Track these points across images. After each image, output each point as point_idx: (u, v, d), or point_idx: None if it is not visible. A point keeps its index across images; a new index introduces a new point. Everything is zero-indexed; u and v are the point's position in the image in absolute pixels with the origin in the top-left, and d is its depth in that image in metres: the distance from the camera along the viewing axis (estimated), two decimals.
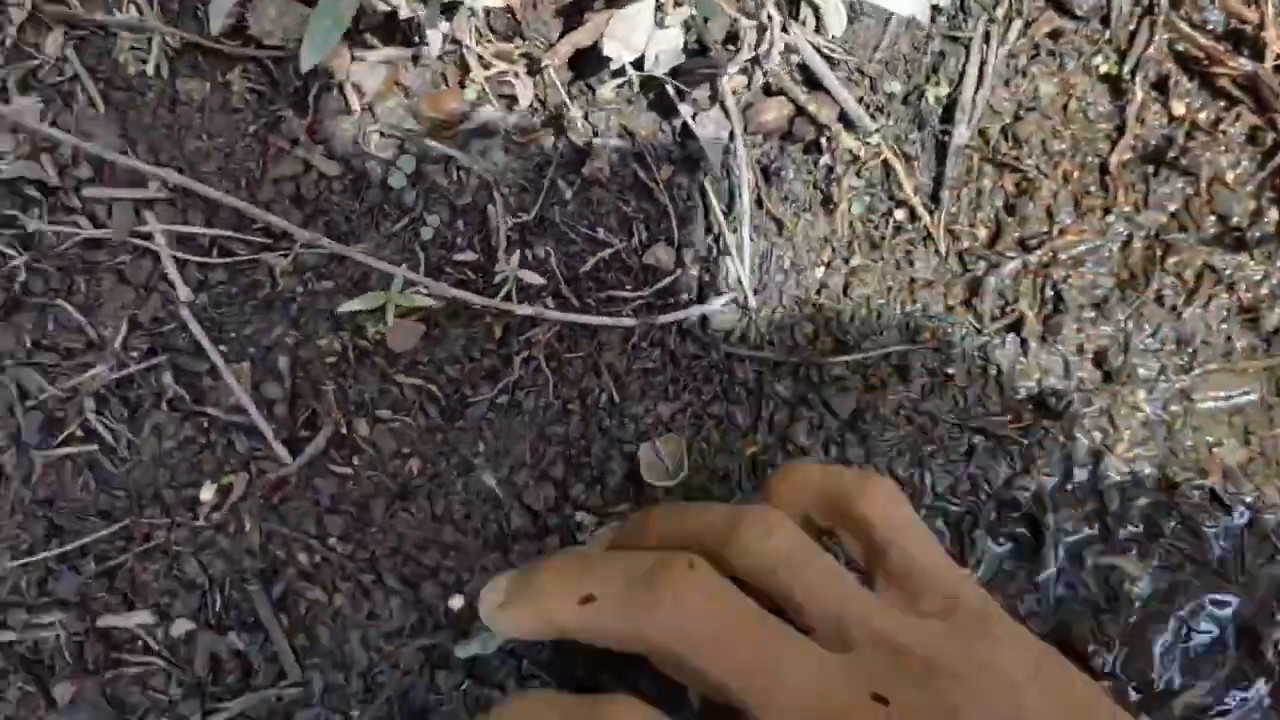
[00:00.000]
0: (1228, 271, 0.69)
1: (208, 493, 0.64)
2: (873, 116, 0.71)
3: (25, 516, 0.61)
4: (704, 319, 0.68)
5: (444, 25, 0.58)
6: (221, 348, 0.62)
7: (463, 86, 0.62)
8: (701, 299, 0.68)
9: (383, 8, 0.54)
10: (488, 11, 0.60)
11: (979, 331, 0.70)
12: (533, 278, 0.66)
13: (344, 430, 0.66)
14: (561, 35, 0.62)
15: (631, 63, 0.60)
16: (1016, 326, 0.70)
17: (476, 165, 0.64)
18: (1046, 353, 0.70)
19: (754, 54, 0.63)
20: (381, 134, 0.62)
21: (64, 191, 0.58)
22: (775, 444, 0.70)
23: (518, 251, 0.65)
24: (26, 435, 0.59)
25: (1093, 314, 0.69)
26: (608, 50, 0.59)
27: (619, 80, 0.62)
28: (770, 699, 0.48)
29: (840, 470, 0.57)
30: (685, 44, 0.62)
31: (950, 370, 0.70)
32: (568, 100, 0.61)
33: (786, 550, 0.52)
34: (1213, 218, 0.70)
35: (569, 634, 0.53)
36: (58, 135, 0.52)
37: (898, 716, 0.44)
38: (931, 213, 0.71)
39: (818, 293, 0.70)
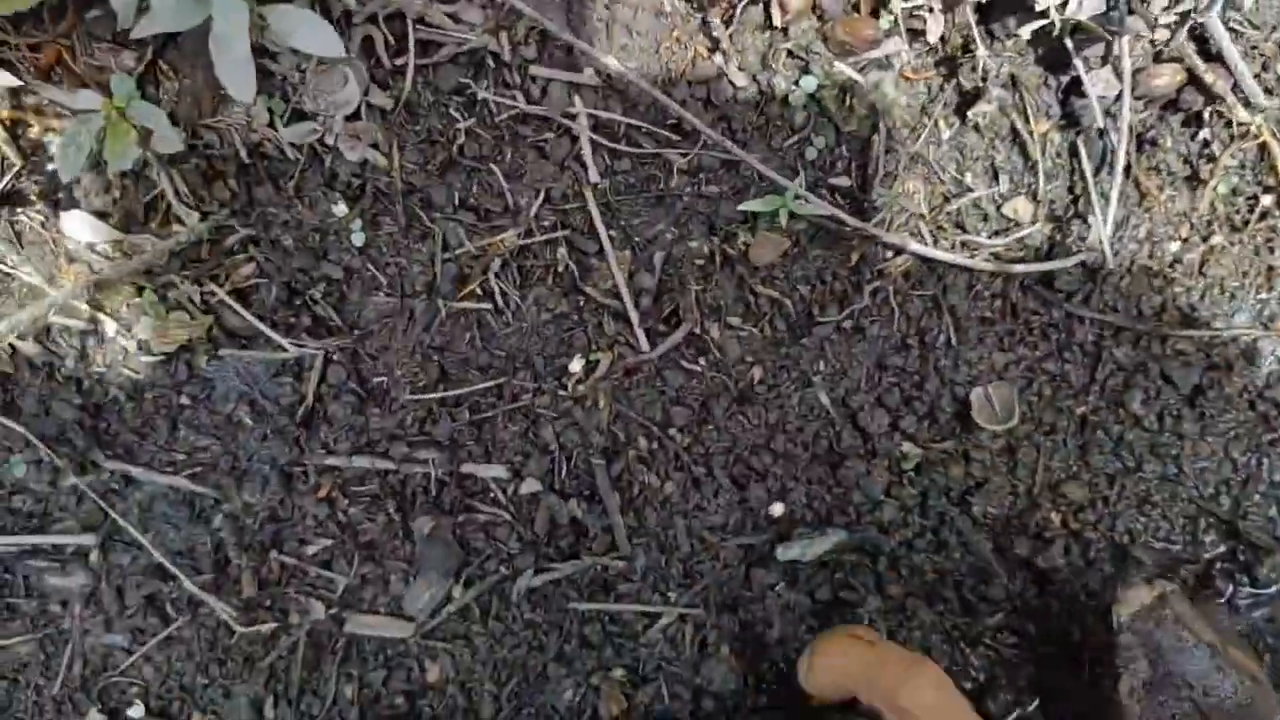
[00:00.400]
0: None
1: (576, 365, 0.68)
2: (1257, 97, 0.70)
3: (423, 358, 0.67)
4: (1050, 275, 0.69)
5: None
6: (611, 232, 0.66)
7: (876, 16, 0.64)
8: (1050, 256, 0.69)
9: None
10: None
11: None
12: (899, 211, 0.68)
13: (698, 330, 0.69)
14: None
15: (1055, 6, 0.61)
16: None
17: (871, 94, 0.66)
18: None
19: (1176, 12, 0.63)
20: (790, 52, 0.65)
21: (510, 68, 0.62)
22: (1107, 407, 0.70)
23: (888, 184, 0.67)
24: (440, 284, 0.64)
25: None
26: None
27: (1040, 23, 0.64)
28: None
29: (887, 654, 0.60)
30: None
31: None
32: (977, 37, 0.63)
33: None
34: None
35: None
36: (524, 8, 0.56)
37: None
38: None
39: (1171, 266, 0.70)
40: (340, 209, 0.61)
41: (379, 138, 0.60)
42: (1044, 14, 0.62)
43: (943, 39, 0.66)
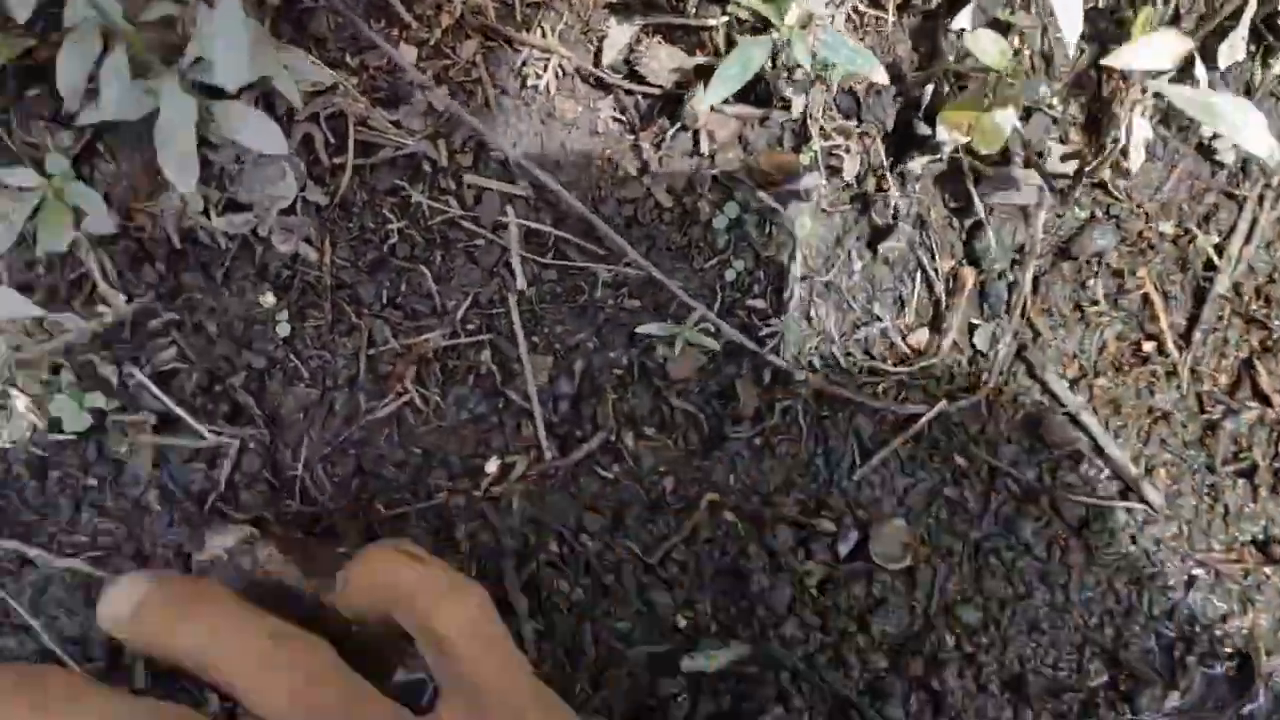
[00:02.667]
0: None
1: (492, 466, 0.69)
2: (1143, 252, 0.76)
3: (340, 452, 0.67)
4: (946, 410, 0.73)
5: (800, 98, 0.65)
6: (534, 339, 0.69)
7: (797, 151, 0.69)
8: (951, 384, 0.73)
9: (753, 73, 0.61)
10: (839, 90, 0.66)
11: (1210, 470, 0.74)
12: (808, 336, 0.72)
13: (614, 438, 0.71)
14: (895, 121, 0.69)
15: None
16: (1249, 473, 0.74)
17: (790, 224, 0.70)
18: (1275, 503, 0.73)
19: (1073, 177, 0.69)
20: (716, 178, 0.69)
21: (445, 174, 0.65)
22: (1001, 534, 0.74)
23: (800, 310, 0.71)
24: (362, 379, 0.66)
25: None
26: (940, 134, 0.66)
27: (931, 157, 0.69)
28: None
29: (430, 573, 0.54)
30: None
31: (1180, 503, 0.73)
32: (889, 177, 0.67)
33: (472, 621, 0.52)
34: None
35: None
36: (467, 117, 0.59)
37: None
38: (1180, 350, 0.76)
39: (1058, 403, 0.75)
40: (268, 299, 0.62)
41: (312, 232, 0.61)
42: (937, 150, 0.67)
43: (858, 177, 0.70)
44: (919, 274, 0.73)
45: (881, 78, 0.60)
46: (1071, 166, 0.71)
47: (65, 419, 0.59)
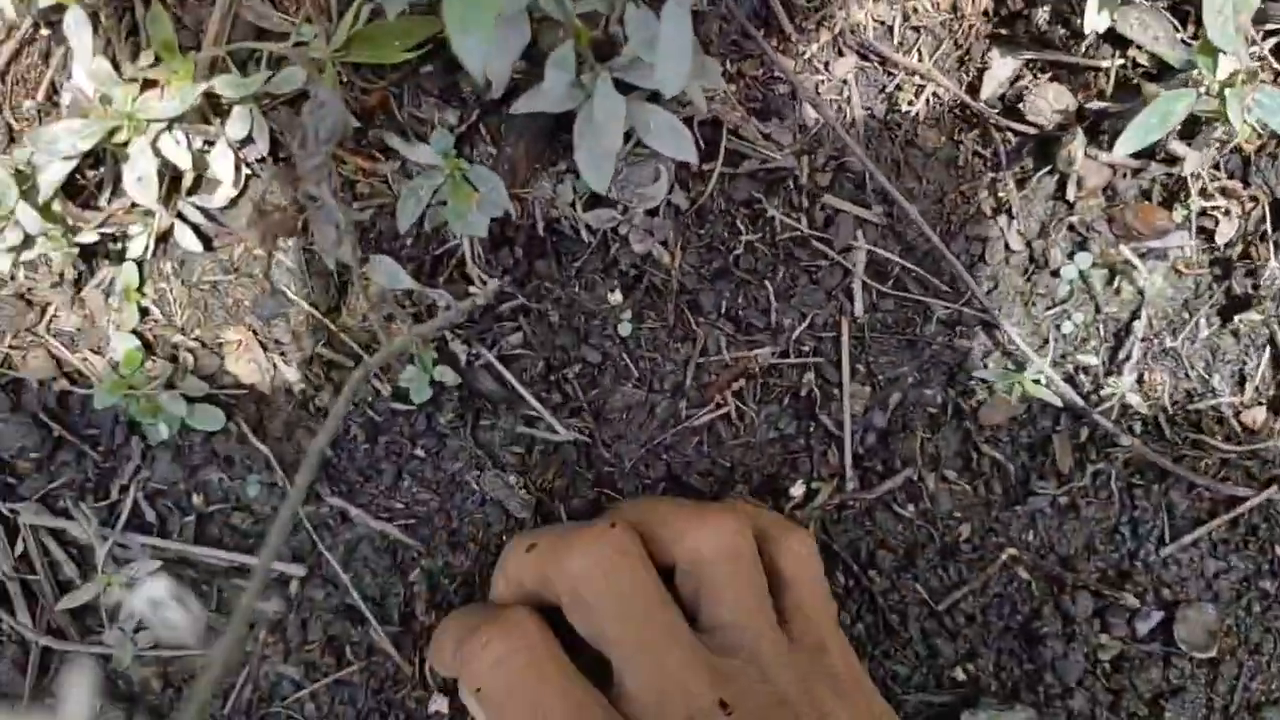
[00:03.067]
0: None
1: (798, 489, 0.68)
2: None
3: (652, 454, 0.66)
4: (1270, 500, 0.68)
5: (1193, 154, 0.60)
6: (857, 365, 0.66)
7: (1168, 207, 0.64)
8: (1279, 483, 0.68)
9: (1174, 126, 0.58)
10: (1224, 146, 0.62)
11: None
12: (1137, 401, 0.68)
13: (916, 478, 0.68)
14: None
15: None
16: None
17: (1142, 280, 0.65)
18: None
19: None
20: (1072, 226, 0.65)
21: (802, 191, 0.63)
22: None
23: (1135, 372, 0.67)
24: (687, 386, 0.64)
25: None
26: None
27: None
28: (640, 671, 0.53)
29: (768, 515, 0.64)
30: None
31: None
32: (1272, 246, 0.62)
33: (732, 552, 0.57)
34: None
35: (523, 588, 0.60)
36: (842, 134, 0.57)
37: None
38: None
39: None
40: (615, 297, 0.61)
41: (669, 236, 0.60)
42: None
43: (1229, 243, 0.65)
44: (1268, 350, 0.68)
45: None
46: None
47: (413, 390, 0.59)
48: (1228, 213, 0.64)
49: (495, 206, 0.52)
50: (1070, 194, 0.64)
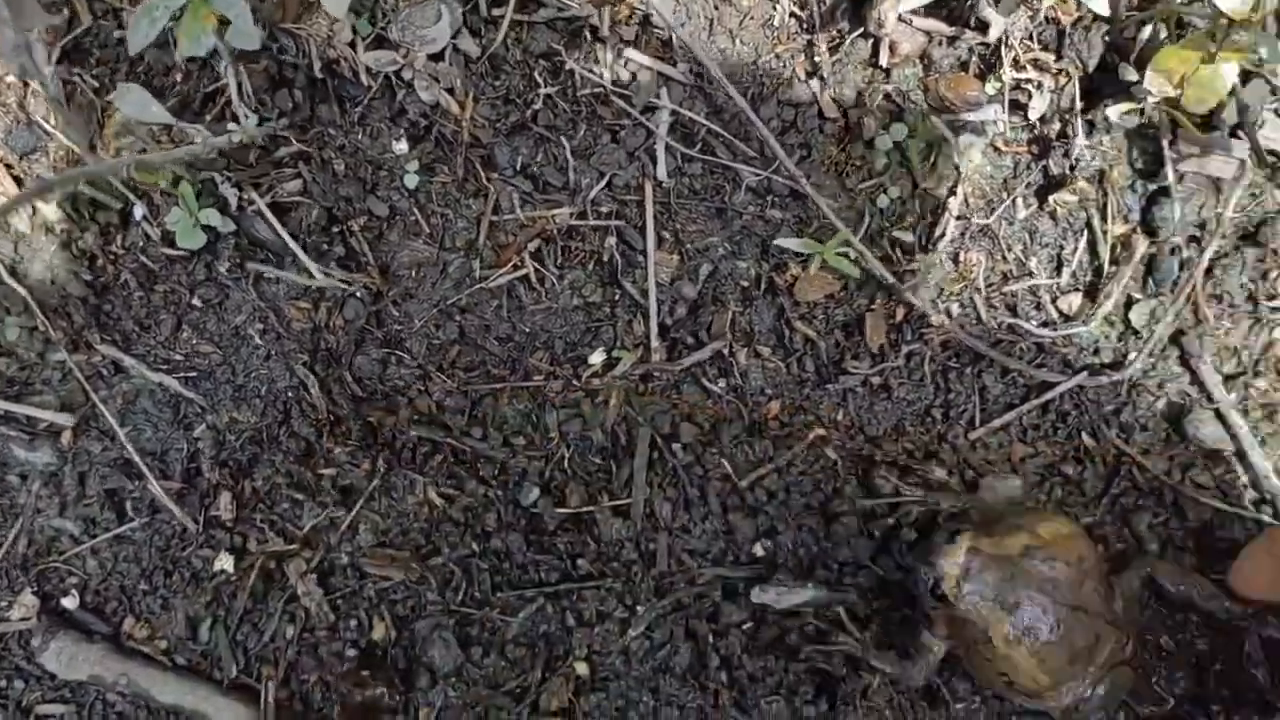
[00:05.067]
0: None
1: (596, 357, 0.66)
2: None
3: (444, 315, 0.64)
4: (1081, 387, 0.67)
5: (1001, 20, 0.58)
6: (663, 233, 0.64)
7: (983, 79, 0.62)
8: (1091, 370, 0.68)
9: None
10: (1044, 19, 0.59)
11: None
12: (952, 281, 0.67)
13: (727, 351, 0.67)
14: (1098, 62, 0.62)
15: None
16: None
17: (955, 156, 0.64)
18: None
19: None
20: (887, 95, 0.63)
21: (605, 45, 0.60)
22: (1112, 525, 0.69)
23: (950, 251, 0.66)
24: (481, 246, 0.62)
25: None
26: (1147, 82, 0.59)
27: (1128, 105, 0.62)
28: None
29: None
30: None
31: None
32: (1079, 124, 0.61)
33: None
34: None
35: None
36: None
37: None
38: None
39: (1208, 397, 0.69)
40: (401, 146, 0.58)
41: (457, 84, 0.57)
42: (1139, 99, 0.60)
43: (1043, 118, 0.63)
44: (1085, 234, 0.67)
45: (1102, 8, 0.53)
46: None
47: (180, 233, 0.57)
48: (1040, 86, 0.62)
49: (245, 37, 0.49)
50: (883, 59, 0.62)
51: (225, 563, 0.65)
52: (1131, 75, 0.60)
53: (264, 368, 0.63)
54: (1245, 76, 0.65)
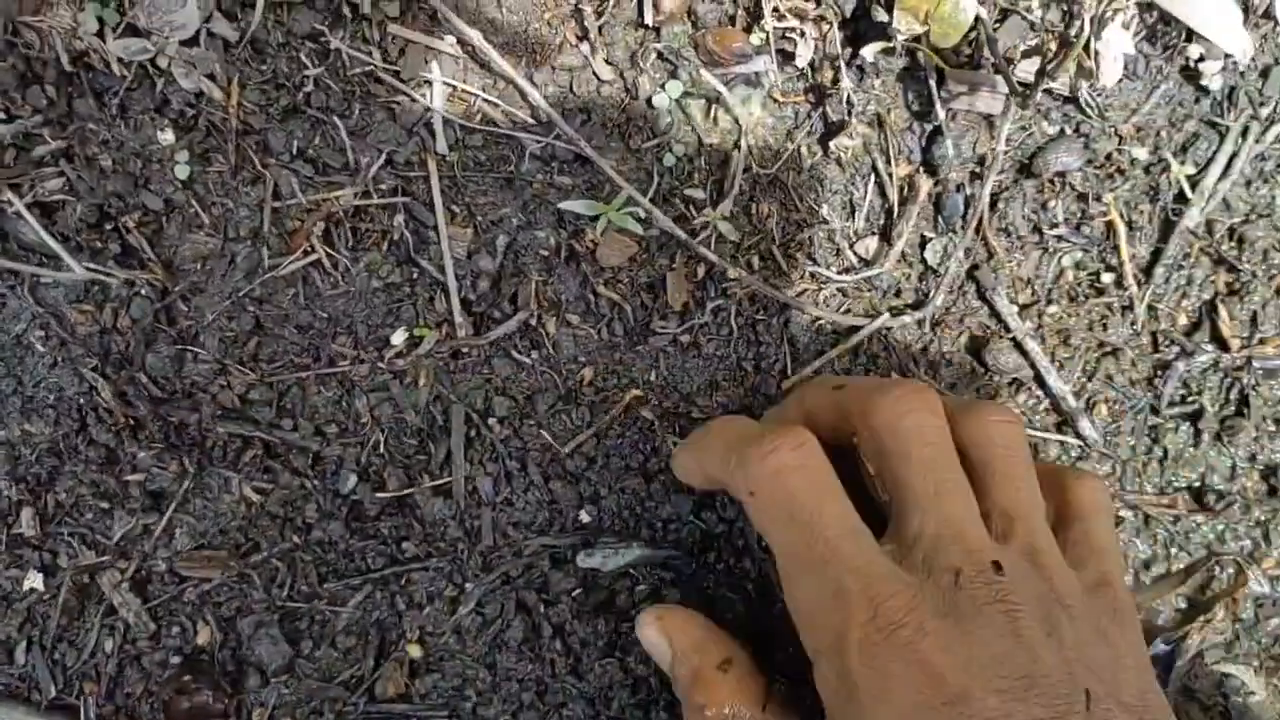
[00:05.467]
0: None
1: (398, 338, 0.66)
2: (1111, 176, 0.71)
3: (237, 307, 0.64)
4: (885, 328, 0.69)
5: None
6: (453, 207, 0.65)
7: (749, 31, 0.64)
8: (893, 310, 0.70)
9: None
10: None
11: (1154, 412, 0.71)
12: (745, 233, 0.68)
13: (534, 321, 0.68)
14: (854, 8, 0.64)
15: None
16: (1194, 417, 0.70)
17: (737, 110, 0.65)
18: (1217, 451, 0.70)
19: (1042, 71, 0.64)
20: (660, 54, 0.64)
21: (370, 22, 0.60)
22: None
23: (739, 204, 0.67)
24: (266, 233, 0.62)
25: (1273, 428, 0.69)
26: (896, 22, 0.61)
27: (882, 45, 0.64)
28: (924, 514, 0.54)
29: (1061, 469, 0.63)
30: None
31: (1117, 441, 0.70)
32: (844, 70, 0.63)
33: (1019, 443, 0.58)
34: None
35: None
36: None
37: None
38: (1140, 285, 0.71)
39: (1005, 327, 0.71)
40: (167, 137, 0.58)
41: (217, 69, 0.57)
42: (891, 38, 0.62)
43: (812, 65, 0.65)
44: (872, 178, 0.69)
45: None
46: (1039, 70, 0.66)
47: None
48: (803, 35, 0.63)
49: None
50: (649, 18, 0.62)
51: (35, 581, 0.63)
52: (883, 16, 0.62)
53: (51, 375, 0.62)
54: (1004, 15, 0.67)
